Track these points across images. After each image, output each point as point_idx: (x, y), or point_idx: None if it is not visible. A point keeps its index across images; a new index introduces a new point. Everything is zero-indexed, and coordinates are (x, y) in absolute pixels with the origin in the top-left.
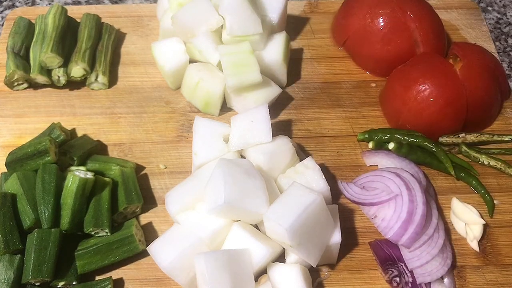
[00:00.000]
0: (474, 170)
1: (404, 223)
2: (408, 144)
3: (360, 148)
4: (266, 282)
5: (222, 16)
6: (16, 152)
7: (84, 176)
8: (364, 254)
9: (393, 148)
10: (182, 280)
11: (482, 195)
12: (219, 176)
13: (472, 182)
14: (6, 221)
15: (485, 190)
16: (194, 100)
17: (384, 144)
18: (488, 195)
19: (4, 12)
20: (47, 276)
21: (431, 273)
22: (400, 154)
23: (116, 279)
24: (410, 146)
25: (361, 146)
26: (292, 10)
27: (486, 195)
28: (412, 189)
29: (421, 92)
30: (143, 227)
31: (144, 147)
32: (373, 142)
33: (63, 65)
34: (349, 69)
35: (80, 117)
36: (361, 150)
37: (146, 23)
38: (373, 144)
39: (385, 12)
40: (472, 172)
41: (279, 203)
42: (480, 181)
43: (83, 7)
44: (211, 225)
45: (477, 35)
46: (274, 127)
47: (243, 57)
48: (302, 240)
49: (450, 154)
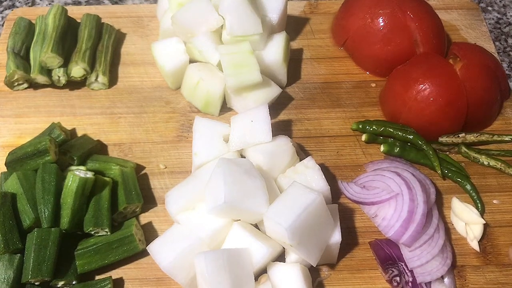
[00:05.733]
0: (465, 171)
1: (405, 222)
2: (401, 145)
3: (360, 148)
4: (266, 281)
5: (222, 16)
6: (16, 152)
7: (84, 175)
8: (364, 253)
9: (384, 150)
10: (182, 280)
11: (470, 194)
12: (219, 176)
13: (459, 181)
14: (6, 221)
15: (473, 189)
16: (194, 100)
17: (377, 138)
18: (476, 194)
19: (4, 12)
20: (47, 276)
21: (431, 272)
22: (393, 154)
23: (116, 278)
24: (403, 147)
25: (361, 146)
26: (292, 10)
27: (473, 195)
28: (413, 188)
29: (421, 92)
30: (143, 226)
31: (144, 147)
32: (367, 134)
33: (63, 65)
34: (349, 69)
35: (80, 117)
36: (361, 150)
37: (146, 23)
38: (366, 137)
39: (385, 12)
40: (463, 173)
41: (279, 203)
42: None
43: (83, 8)
44: (211, 225)
45: (477, 35)
46: (274, 127)
47: (243, 57)
48: (302, 239)
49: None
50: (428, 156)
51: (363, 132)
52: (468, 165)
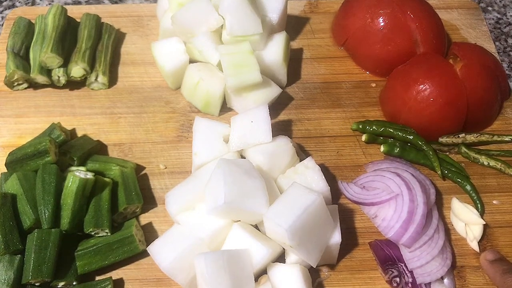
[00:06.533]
0: (465, 171)
1: (405, 222)
2: (401, 145)
3: (360, 148)
4: (266, 282)
5: (222, 16)
6: (16, 152)
7: (84, 176)
8: (364, 254)
9: (384, 150)
10: (182, 280)
11: (470, 195)
12: (219, 176)
13: (459, 181)
14: (6, 221)
15: (473, 190)
16: (194, 100)
17: (377, 139)
18: (476, 195)
19: (4, 12)
20: (47, 276)
21: (431, 273)
22: (393, 154)
23: (116, 279)
24: (403, 147)
25: (361, 146)
26: (292, 10)
27: (473, 195)
28: (413, 188)
29: (421, 92)
30: (143, 227)
31: (144, 147)
32: (367, 135)
33: (63, 65)
34: (349, 69)
35: (80, 117)
36: (361, 150)
37: (146, 23)
38: (366, 138)
39: (385, 12)
40: (463, 173)
41: (279, 203)
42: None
43: (83, 7)
44: (211, 225)
45: (477, 35)
46: (274, 127)
47: (243, 57)
48: (302, 240)
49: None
50: (428, 157)
51: (363, 132)
52: (468, 165)
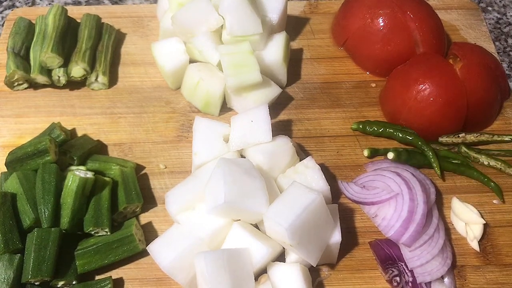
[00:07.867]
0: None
1: (405, 222)
2: (407, 150)
3: (360, 148)
4: (266, 281)
5: (222, 16)
6: (16, 152)
7: (84, 175)
8: (364, 253)
9: (393, 157)
10: (182, 280)
11: (487, 184)
12: (219, 176)
13: (474, 173)
14: (6, 221)
15: (487, 178)
16: (194, 100)
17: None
18: (493, 182)
19: (4, 12)
20: (47, 276)
21: (431, 272)
22: (400, 161)
23: (116, 278)
24: (408, 152)
25: (361, 146)
26: (292, 10)
27: (490, 183)
28: (413, 188)
29: (421, 92)
30: (143, 226)
31: (144, 147)
32: (368, 150)
33: (63, 65)
34: (349, 69)
35: (80, 117)
36: (361, 150)
37: (146, 23)
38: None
39: (385, 12)
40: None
41: (279, 203)
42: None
43: (83, 8)
44: (211, 225)
45: (477, 35)
46: (274, 127)
47: (243, 57)
48: (302, 239)
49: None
50: (428, 157)
51: (363, 132)
52: None
